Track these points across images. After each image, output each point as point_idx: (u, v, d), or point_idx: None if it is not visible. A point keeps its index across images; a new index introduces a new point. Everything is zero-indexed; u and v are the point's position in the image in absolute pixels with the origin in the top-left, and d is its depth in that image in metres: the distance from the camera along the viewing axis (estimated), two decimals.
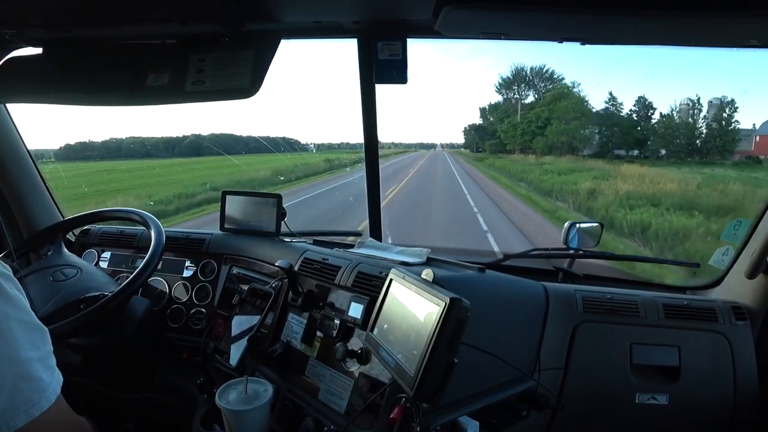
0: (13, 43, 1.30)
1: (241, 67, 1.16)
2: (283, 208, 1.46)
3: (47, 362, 0.62)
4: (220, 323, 1.32)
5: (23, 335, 0.60)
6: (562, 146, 22.58)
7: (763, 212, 1.23)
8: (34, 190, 1.65)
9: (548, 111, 23.61)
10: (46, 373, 0.61)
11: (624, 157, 20.72)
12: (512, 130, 25.65)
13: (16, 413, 0.58)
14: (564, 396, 1.16)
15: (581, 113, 22.75)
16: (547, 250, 1.56)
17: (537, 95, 26.03)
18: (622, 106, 22.17)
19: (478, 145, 30.21)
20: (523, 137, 24.56)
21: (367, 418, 0.88)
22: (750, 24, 0.94)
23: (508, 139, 25.84)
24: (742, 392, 1.16)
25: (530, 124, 24.27)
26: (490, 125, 29.08)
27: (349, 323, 1.01)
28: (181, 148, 19.04)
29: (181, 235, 1.54)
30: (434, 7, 0.99)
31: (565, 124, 22.77)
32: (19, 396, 0.58)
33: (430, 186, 16.41)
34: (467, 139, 33.12)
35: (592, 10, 0.91)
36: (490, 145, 27.89)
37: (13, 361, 0.58)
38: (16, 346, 0.58)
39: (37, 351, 0.61)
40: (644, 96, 22.38)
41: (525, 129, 24.56)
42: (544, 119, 23.62)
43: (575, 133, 22.50)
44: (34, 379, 0.60)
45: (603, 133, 22.45)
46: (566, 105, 23.13)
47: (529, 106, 26.35)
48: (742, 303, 1.23)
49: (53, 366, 0.64)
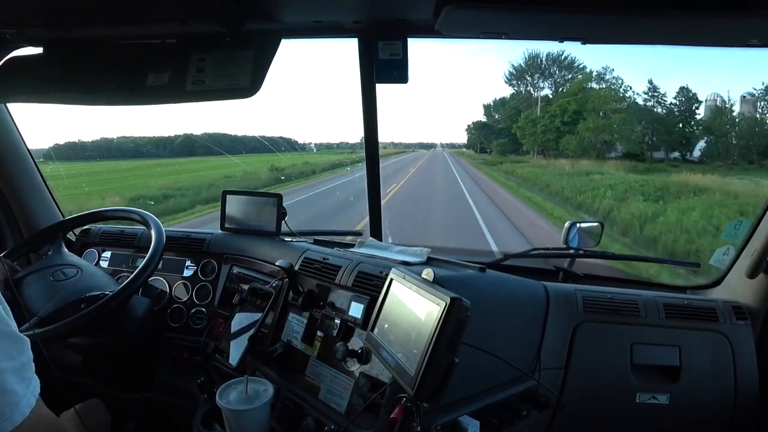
0: (14, 43, 1.30)
1: (242, 67, 1.16)
2: (283, 208, 1.46)
3: (22, 373, 0.61)
4: (221, 323, 1.32)
5: (1, 345, 0.58)
6: (600, 146, 17.64)
7: (764, 212, 1.23)
8: (34, 189, 1.66)
9: (576, 103, 18.89)
10: (21, 385, 0.59)
11: (664, 160, 16.71)
12: (530, 126, 20.74)
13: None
14: (564, 396, 1.16)
15: (625, 104, 17.68)
16: (547, 250, 1.56)
17: (554, 87, 21.41)
18: (664, 97, 17.10)
19: (483, 144, 26.97)
20: (545, 135, 19.83)
21: (367, 418, 0.88)
22: (750, 23, 0.94)
23: (525, 137, 20.97)
24: (743, 392, 1.16)
25: (553, 119, 19.60)
26: (496, 123, 25.11)
27: (349, 323, 1.01)
28: (172, 147, 18.51)
29: (182, 234, 1.54)
30: (435, 7, 0.99)
31: (603, 118, 17.67)
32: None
33: (423, 215, 9.93)
34: (470, 138, 29.23)
35: (593, 10, 0.91)
36: (498, 145, 23.92)
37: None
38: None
39: (11, 362, 0.59)
40: (687, 87, 16.86)
41: (547, 125, 19.85)
42: (572, 113, 18.83)
43: (620, 129, 17.32)
44: (7, 392, 0.58)
45: (639, 131, 17.72)
46: (604, 94, 18.22)
47: (544, 100, 21.59)
48: (743, 303, 1.23)
49: (30, 377, 0.62)
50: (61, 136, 7.74)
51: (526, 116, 21.30)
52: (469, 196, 12.55)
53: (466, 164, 24.03)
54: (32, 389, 0.62)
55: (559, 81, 21.34)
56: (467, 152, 29.08)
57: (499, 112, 25.76)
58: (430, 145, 38.92)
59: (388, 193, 9.97)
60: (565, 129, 18.94)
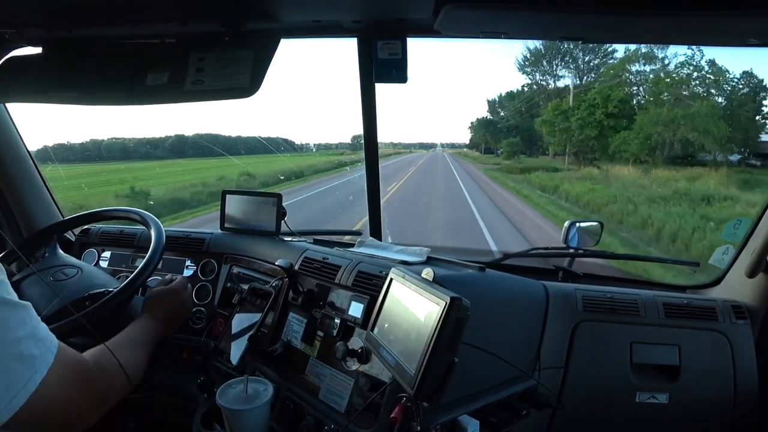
0: (13, 43, 1.30)
1: (241, 67, 1.16)
2: (283, 208, 1.46)
3: (37, 335, 0.66)
4: (221, 323, 1.32)
5: (11, 315, 0.63)
6: (674, 146, 12.62)
7: (763, 211, 1.23)
8: (34, 190, 1.65)
9: (620, 88, 14.22)
10: (37, 347, 0.64)
11: (740, 163, 12.39)
12: (561, 120, 15.80)
13: (15, 392, 0.61)
14: (564, 395, 1.16)
15: (710, 85, 12.41)
16: (546, 250, 1.56)
17: (578, 74, 17.18)
18: (730, 82, 12.46)
19: (489, 144, 23.07)
20: (583, 132, 14.94)
21: (367, 418, 0.88)
22: (749, 23, 0.94)
23: (554, 135, 16.26)
24: (742, 391, 1.16)
25: (593, 110, 14.72)
26: (504, 120, 21.73)
27: (349, 322, 1.01)
28: (162, 149, 18.20)
29: (182, 234, 1.54)
30: (434, 6, 0.99)
31: (679, 107, 12.39)
32: (14, 376, 0.61)
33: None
34: (475, 136, 25.30)
35: (592, 9, 0.91)
36: (509, 145, 20.36)
37: (5, 343, 0.61)
38: (5, 329, 0.61)
39: (25, 328, 0.64)
40: (751, 70, 12.73)
41: (585, 118, 14.89)
42: (618, 101, 14.19)
43: (708, 122, 11.96)
44: (26, 358, 0.63)
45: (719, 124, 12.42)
46: (679, 77, 13.08)
47: (565, 91, 17.33)
48: (742, 302, 1.23)
49: (44, 336, 0.67)
50: (50, 138, 7.61)
51: (554, 107, 16.21)
52: (494, 243, 7.22)
53: (473, 170, 19.76)
54: (49, 346, 0.67)
55: (584, 68, 17.16)
56: (471, 153, 25.50)
57: (506, 108, 22.36)
58: (430, 145, 38.14)
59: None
60: (610, 123, 14.14)
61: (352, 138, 25.31)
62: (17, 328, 0.63)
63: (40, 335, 0.67)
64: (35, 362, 0.64)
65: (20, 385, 0.62)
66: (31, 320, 0.66)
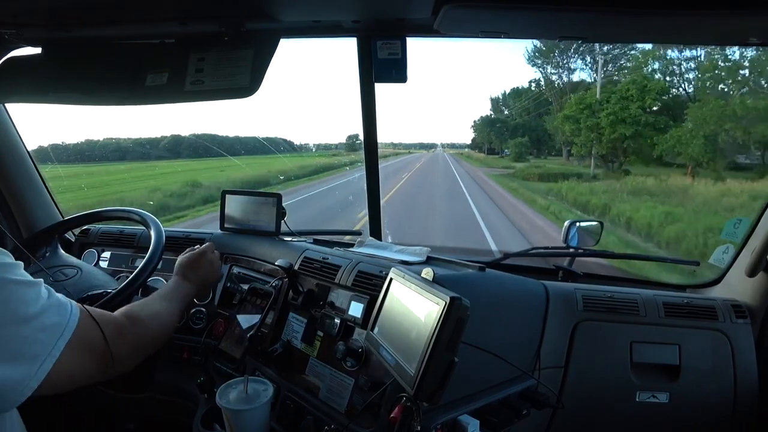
0: (12, 43, 1.30)
1: (241, 67, 1.16)
2: (282, 208, 1.46)
3: (55, 304, 0.71)
4: (221, 323, 1.32)
5: (27, 291, 0.67)
6: (737, 147, 9.94)
7: (763, 210, 1.23)
8: (33, 190, 1.65)
9: (653, 81, 12.05)
10: (58, 314, 0.70)
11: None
12: (587, 117, 13.21)
13: (42, 359, 0.66)
14: (564, 394, 1.16)
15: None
16: (546, 249, 1.56)
17: (596, 68, 14.80)
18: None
19: (493, 144, 21.08)
20: (616, 130, 12.42)
21: (367, 417, 0.88)
22: (749, 22, 0.94)
23: (580, 134, 13.44)
24: (743, 390, 1.16)
25: (626, 103, 12.31)
26: (510, 118, 20.10)
27: (349, 322, 1.01)
28: (158, 150, 17.60)
29: (181, 234, 1.54)
30: (433, 6, 0.99)
31: (753, 98, 9.66)
32: (40, 346, 0.66)
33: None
34: (478, 136, 23.08)
35: (592, 9, 0.91)
36: (517, 145, 18.69)
37: (27, 318, 0.66)
38: (25, 305, 0.66)
39: (42, 300, 0.69)
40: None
41: (617, 114, 12.45)
42: (657, 93, 11.98)
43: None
44: (48, 327, 0.68)
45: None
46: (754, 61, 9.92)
47: (583, 86, 15.11)
48: (743, 301, 1.23)
49: (63, 302, 0.72)
50: (44, 138, 7.45)
51: (578, 100, 13.66)
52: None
53: (479, 175, 17.04)
54: (70, 311, 0.73)
55: (605, 58, 14.81)
56: (475, 155, 23.24)
57: (511, 107, 20.57)
58: (430, 145, 37.67)
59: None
60: (648, 120, 11.68)
61: (347, 138, 24.44)
62: (36, 302, 0.67)
63: (59, 302, 0.72)
64: (58, 329, 0.69)
65: (46, 352, 0.66)
66: (47, 291, 0.71)
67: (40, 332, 0.67)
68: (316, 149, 24.04)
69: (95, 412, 1.59)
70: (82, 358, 0.73)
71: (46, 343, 0.67)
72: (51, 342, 0.68)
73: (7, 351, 0.63)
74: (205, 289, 1.20)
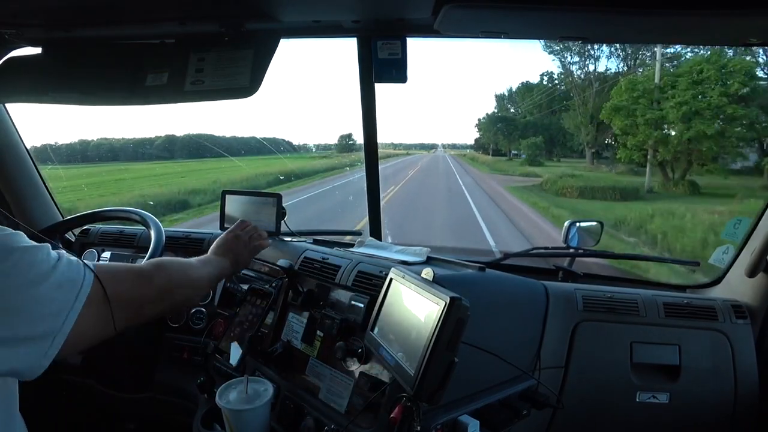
0: (12, 43, 1.30)
1: (241, 67, 1.16)
2: (283, 208, 1.46)
3: (67, 261, 0.70)
4: (221, 323, 1.32)
5: (35, 254, 0.67)
6: None
7: (763, 211, 1.23)
8: (34, 190, 1.66)
9: (736, 59, 9.03)
10: (71, 270, 0.69)
11: None
12: (644, 107, 9.84)
13: (63, 317, 0.66)
14: (564, 395, 1.16)
15: None
16: (547, 249, 1.56)
17: (625, 59, 12.75)
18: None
19: (501, 145, 19.00)
20: (689, 126, 9.07)
21: (367, 418, 0.88)
22: (749, 22, 0.94)
23: (638, 132, 10.09)
24: (743, 391, 1.16)
25: (703, 88, 9.00)
26: (521, 116, 18.40)
27: (349, 322, 1.01)
28: (151, 150, 17.04)
29: (181, 234, 1.54)
30: (434, 6, 0.99)
31: None
32: (56, 304, 0.66)
33: None
34: (483, 135, 20.76)
35: (592, 9, 0.91)
36: (529, 146, 16.94)
37: (38, 278, 0.65)
38: (35, 265, 0.66)
39: (52, 260, 0.68)
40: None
41: (690, 103, 9.04)
42: (745, 75, 8.87)
43: None
44: (64, 283, 0.68)
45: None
46: None
47: (600, 77, 13.20)
48: (743, 301, 1.23)
49: (74, 260, 0.71)
50: (37, 138, 6.95)
51: (629, 85, 10.36)
52: None
53: (495, 187, 12.51)
54: (83, 268, 0.71)
55: (631, 52, 12.48)
56: (481, 157, 20.73)
57: (519, 104, 18.61)
58: (431, 146, 37.00)
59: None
60: (737, 112, 8.37)
61: (339, 138, 23.26)
62: (47, 261, 0.67)
63: (69, 260, 0.71)
64: (75, 285, 0.68)
65: (67, 307, 0.67)
66: (56, 252, 0.70)
67: (57, 290, 0.67)
68: (316, 149, 23.33)
69: (95, 412, 1.59)
70: (103, 311, 0.73)
71: (64, 299, 0.67)
72: (70, 297, 0.68)
73: (28, 314, 0.63)
74: (243, 260, 1.17)
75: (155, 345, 1.41)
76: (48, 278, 0.66)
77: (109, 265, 0.79)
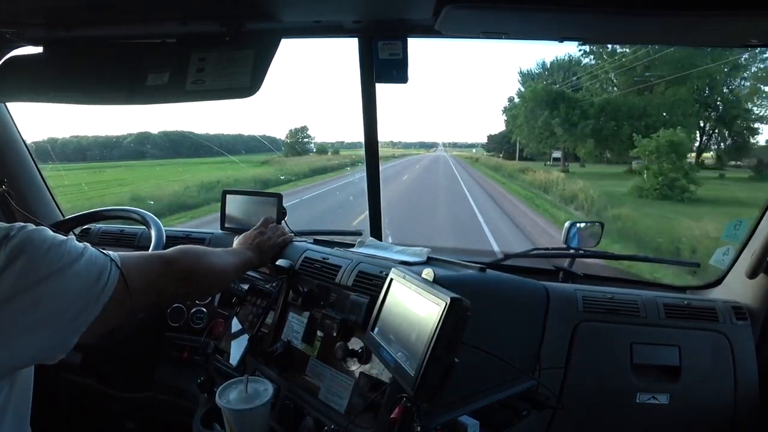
0: (13, 43, 1.30)
1: (242, 67, 1.16)
2: (283, 208, 1.46)
3: (92, 248, 0.72)
4: (221, 323, 1.32)
5: (63, 246, 0.68)
6: None
7: (764, 212, 1.23)
8: (34, 189, 1.66)
9: None
10: (98, 255, 0.72)
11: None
12: None
13: (101, 289, 0.70)
14: (564, 395, 1.16)
15: None
16: (547, 250, 1.56)
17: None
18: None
19: (543, 144, 12.08)
20: None
21: (367, 418, 0.88)
22: (750, 23, 0.94)
23: None
24: (743, 392, 1.16)
25: None
26: (585, 97, 11.46)
27: (349, 323, 1.01)
28: (120, 149, 15.62)
29: (182, 234, 1.54)
30: (434, 6, 0.99)
31: None
32: (92, 279, 0.69)
33: None
34: (510, 131, 14.17)
35: (593, 10, 0.91)
36: (621, 142, 10.64)
37: (70, 262, 0.67)
38: (66, 253, 0.68)
39: (79, 247, 0.70)
40: None
41: None
42: None
43: None
44: (94, 262, 0.70)
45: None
46: None
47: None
48: (743, 303, 1.23)
49: (94, 254, 0.72)
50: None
51: None
52: None
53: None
54: (106, 254, 0.74)
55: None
56: (508, 164, 14.19)
57: (568, 77, 12.51)
58: (431, 145, 35.93)
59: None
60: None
61: (288, 133, 17.77)
62: (72, 253, 0.69)
63: (95, 254, 0.72)
64: (100, 280, 0.70)
65: (91, 302, 0.69)
66: (82, 244, 0.72)
67: (81, 282, 0.68)
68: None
69: (95, 411, 1.59)
70: (126, 301, 0.74)
71: (89, 293, 0.69)
72: (94, 292, 0.69)
73: (51, 305, 0.65)
74: (266, 254, 1.21)
75: (155, 344, 1.41)
76: (72, 269, 0.68)
77: (133, 256, 0.80)
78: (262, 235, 1.22)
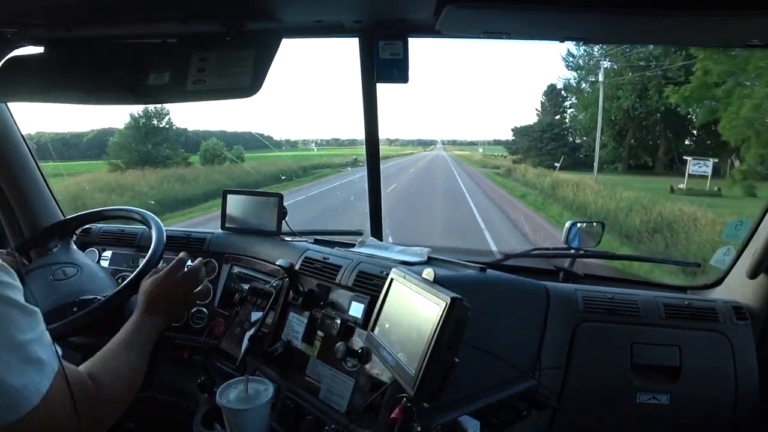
0: (15, 42, 1.30)
1: (242, 67, 1.16)
2: (284, 207, 1.46)
3: (44, 341, 0.67)
4: (221, 323, 1.32)
5: (22, 318, 0.64)
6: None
7: (765, 212, 1.23)
8: (35, 188, 1.66)
9: None
10: (44, 352, 0.66)
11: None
12: None
13: (29, 393, 0.62)
14: (564, 395, 1.16)
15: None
16: (547, 250, 1.56)
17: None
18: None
19: (636, 149, 9.67)
20: None
21: (367, 418, 0.88)
22: (751, 23, 0.94)
23: None
24: (743, 392, 1.16)
25: None
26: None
27: (349, 323, 1.01)
28: (80, 147, 13.66)
29: (182, 234, 1.54)
30: (435, 6, 0.99)
31: None
32: (27, 377, 0.63)
33: None
34: (576, 122, 11.32)
35: (594, 9, 0.91)
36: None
37: (16, 345, 0.62)
38: (17, 330, 0.63)
39: (33, 332, 0.65)
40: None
41: None
42: None
43: None
44: (35, 361, 0.64)
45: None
46: None
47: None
48: (743, 303, 1.23)
49: (49, 343, 0.68)
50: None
51: None
52: None
53: None
54: (53, 354, 0.68)
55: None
56: (532, 171, 11.05)
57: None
58: (430, 143, 35.48)
59: None
60: None
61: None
62: (27, 331, 0.64)
63: (47, 341, 0.68)
64: (44, 366, 0.65)
65: (33, 386, 0.63)
66: (39, 326, 0.67)
67: (27, 363, 0.63)
68: (290, 146, 20.37)
69: None
70: (56, 411, 0.66)
71: (32, 376, 0.63)
72: (36, 378, 0.63)
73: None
74: (178, 314, 1.08)
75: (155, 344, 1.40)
76: (24, 347, 0.63)
77: (69, 370, 0.71)
78: (170, 285, 1.03)
